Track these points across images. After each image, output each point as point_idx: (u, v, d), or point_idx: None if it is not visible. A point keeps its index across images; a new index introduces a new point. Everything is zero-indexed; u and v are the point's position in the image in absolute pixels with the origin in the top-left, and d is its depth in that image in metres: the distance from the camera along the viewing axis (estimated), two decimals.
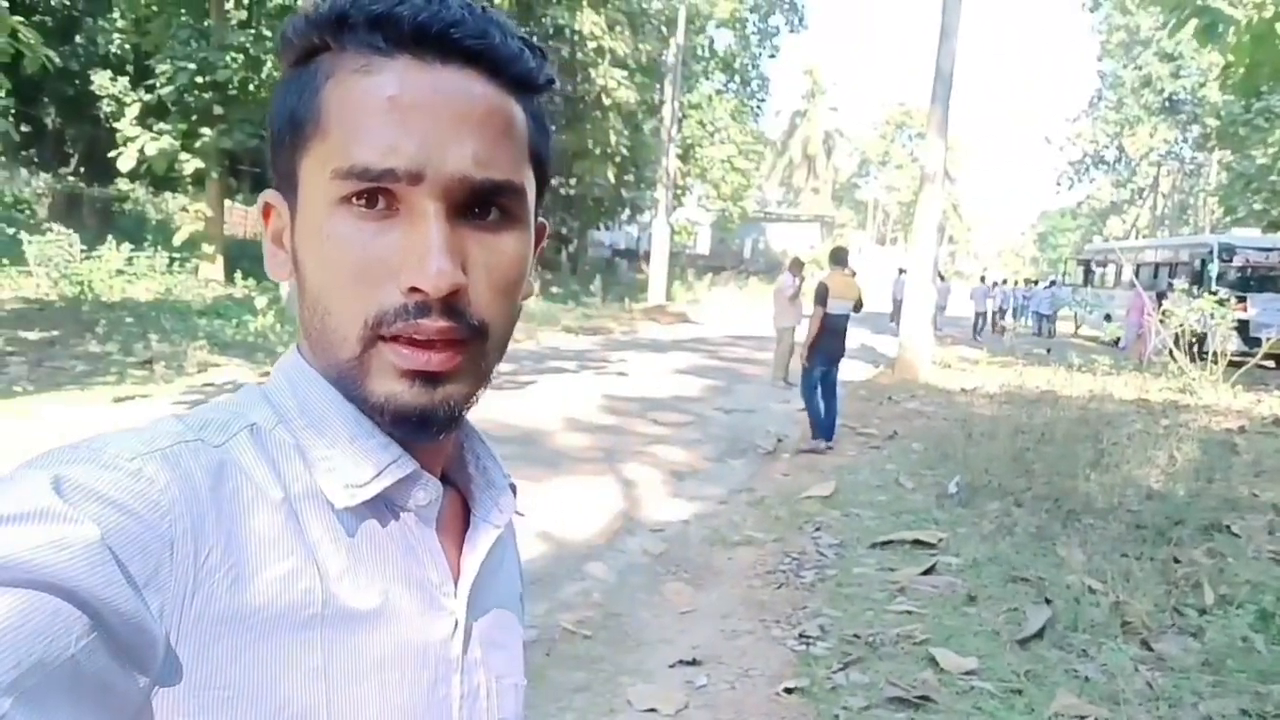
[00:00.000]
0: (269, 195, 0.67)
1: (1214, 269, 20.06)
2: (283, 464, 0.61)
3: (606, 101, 23.86)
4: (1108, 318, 25.12)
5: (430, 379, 0.60)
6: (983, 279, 27.51)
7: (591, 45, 23.10)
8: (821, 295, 8.35)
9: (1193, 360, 13.65)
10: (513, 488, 0.75)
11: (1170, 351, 14.08)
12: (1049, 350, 19.54)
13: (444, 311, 0.59)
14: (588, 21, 22.53)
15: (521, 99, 0.64)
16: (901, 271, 21.89)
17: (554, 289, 24.69)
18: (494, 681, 0.70)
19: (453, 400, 0.62)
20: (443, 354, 0.60)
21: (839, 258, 8.78)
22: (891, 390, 12.35)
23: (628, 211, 32.31)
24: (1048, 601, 4.51)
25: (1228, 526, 5.90)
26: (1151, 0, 15.67)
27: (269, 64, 17.10)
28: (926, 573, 5.00)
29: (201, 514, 0.54)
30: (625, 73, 24.20)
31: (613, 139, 24.39)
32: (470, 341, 0.61)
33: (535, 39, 0.65)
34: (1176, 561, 5.21)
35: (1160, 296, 17.73)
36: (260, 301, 14.15)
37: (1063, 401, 10.36)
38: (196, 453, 0.57)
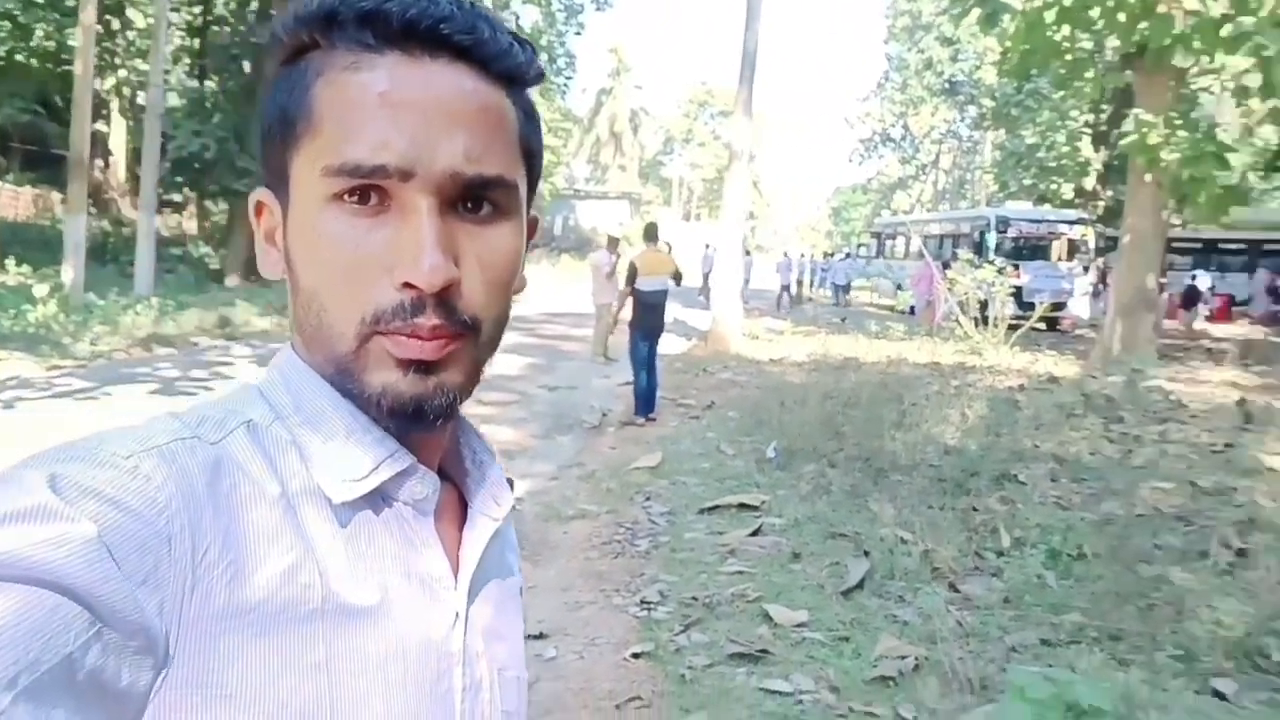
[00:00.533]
0: (260, 193, 0.67)
1: (992, 240, 21.66)
2: (280, 460, 0.61)
3: None
4: (899, 287, 26.68)
5: (425, 367, 0.60)
6: (785, 254, 28.68)
7: None
8: (631, 274, 8.60)
9: (976, 325, 14.73)
10: (510, 482, 0.75)
11: (956, 318, 15.14)
12: (844, 319, 20.59)
13: (437, 308, 0.59)
14: None
15: (511, 93, 0.64)
16: (709, 247, 22.56)
17: None
18: (496, 674, 0.70)
19: (447, 388, 0.61)
20: (438, 342, 0.60)
21: (651, 234, 8.97)
22: (706, 362, 12.75)
23: None
24: (865, 554, 4.83)
25: (1015, 476, 6.46)
26: None
27: (40, 32, 15.71)
28: (753, 534, 5.25)
29: (199, 510, 0.54)
30: None
31: None
32: (462, 336, 0.61)
33: None
34: (974, 510, 5.69)
35: (945, 266, 18.99)
36: (40, 290, 13.05)
37: (865, 367, 11.00)
38: (193, 450, 0.57)
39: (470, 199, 0.61)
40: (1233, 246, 27.42)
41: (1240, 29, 11.65)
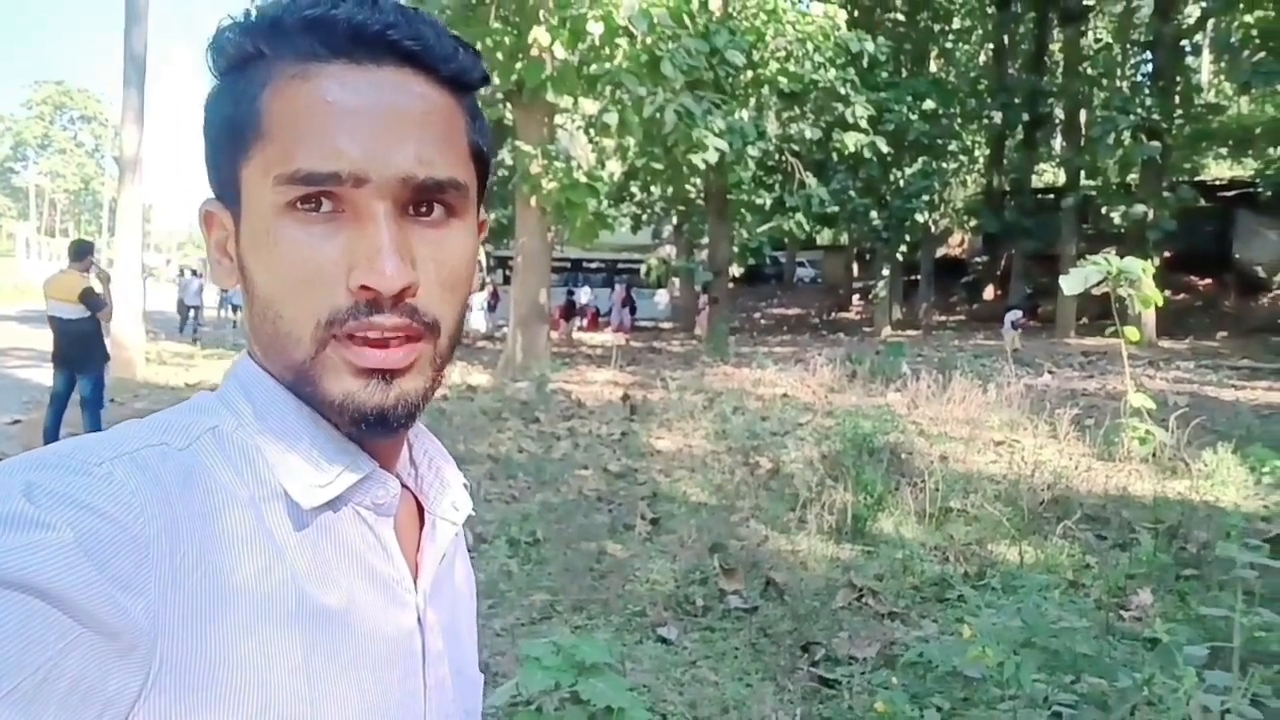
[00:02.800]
0: (210, 204, 0.65)
1: None
2: (245, 466, 0.61)
3: None
4: None
5: (386, 376, 0.60)
6: (195, 273, 26.72)
7: None
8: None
9: None
10: (467, 487, 0.76)
11: None
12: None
13: (395, 308, 0.59)
14: None
15: (458, 96, 0.64)
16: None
17: None
18: (455, 675, 0.72)
19: (409, 397, 0.61)
20: (398, 350, 0.60)
21: (76, 253, 7.59)
22: (111, 391, 11.42)
23: None
24: None
25: None
26: None
27: None
28: None
29: (174, 515, 0.54)
30: None
31: None
32: (423, 338, 0.61)
33: None
34: None
35: None
36: None
37: None
38: (164, 456, 0.57)
39: (422, 202, 0.61)
40: (594, 265, 31.64)
41: (601, 72, 13.56)
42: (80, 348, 7.49)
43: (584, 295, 28.00)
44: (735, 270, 24.47)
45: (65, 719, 0.47)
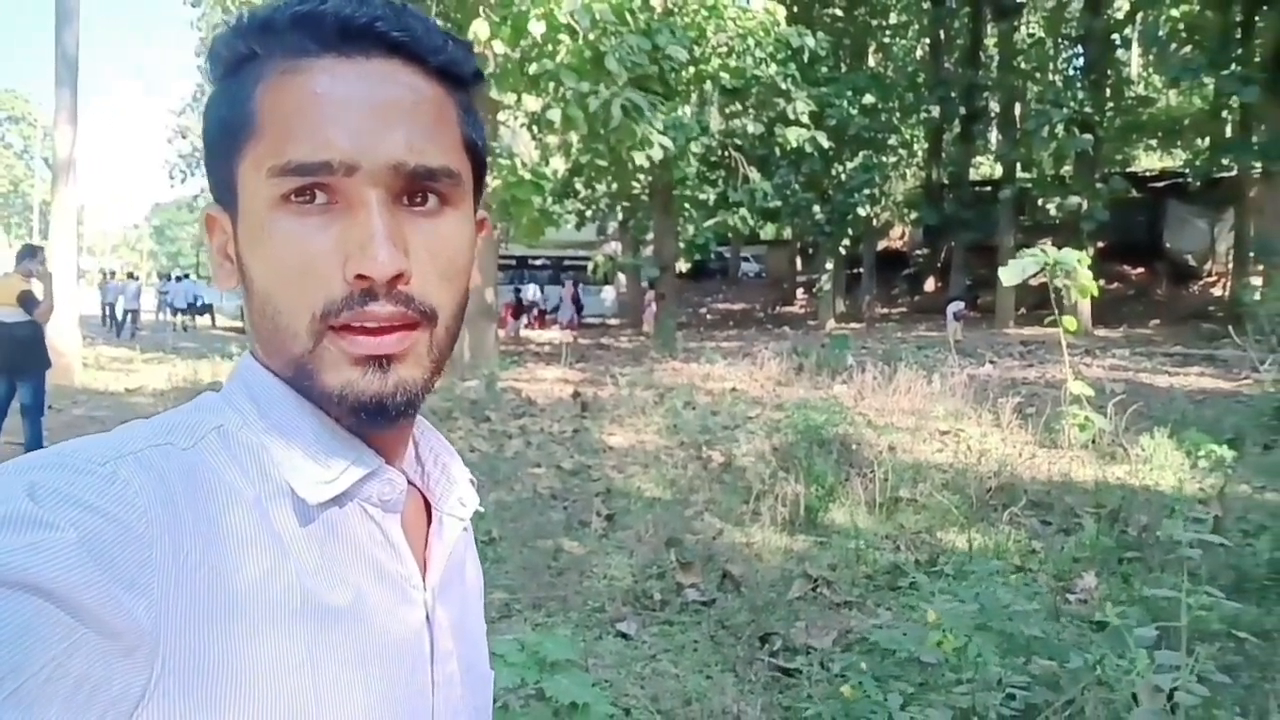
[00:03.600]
0: (210, 209, 0.66)
1: None
2: (251, 464, 0.61)
3: None
4: (243, 310, 25.83)
5: (382, 364, 0.60)
6: (131, 275, 26.19)
7: None
8: None
9: None
10: (473, 483, 0.76)
11: None
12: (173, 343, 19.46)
13: (390, 297, 0.59)
14: None
15: (450, 90, 0.65)
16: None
17: None
18: (465, 672, 0.71)
19: (407, 385, 0.61)
20: (394, 335, 0.60)
21: (21, 256, 7.37)
22: (49, 397, 11.16)
23: None
24: None
25: None
26: (249, 3, 16.55)
27: None
28: None
29: (178, 515, 0.55)
30: None
31: None
32: (420, 326, 0.61)
33: None
34: None
35: None
36: None
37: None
38: (168, 455, 0.57)
39: (416, 192, 0.61)
40: (539, 262, 31.54)
41: (543, 70, 13.52)
42: (21, 353, 7.28)
43: (531, 293, 27.91)
44: (681, 266, 24.58)
45: (67, 715, 0.47)
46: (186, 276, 30.93)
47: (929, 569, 4.85)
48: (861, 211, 25.05)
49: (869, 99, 24.03)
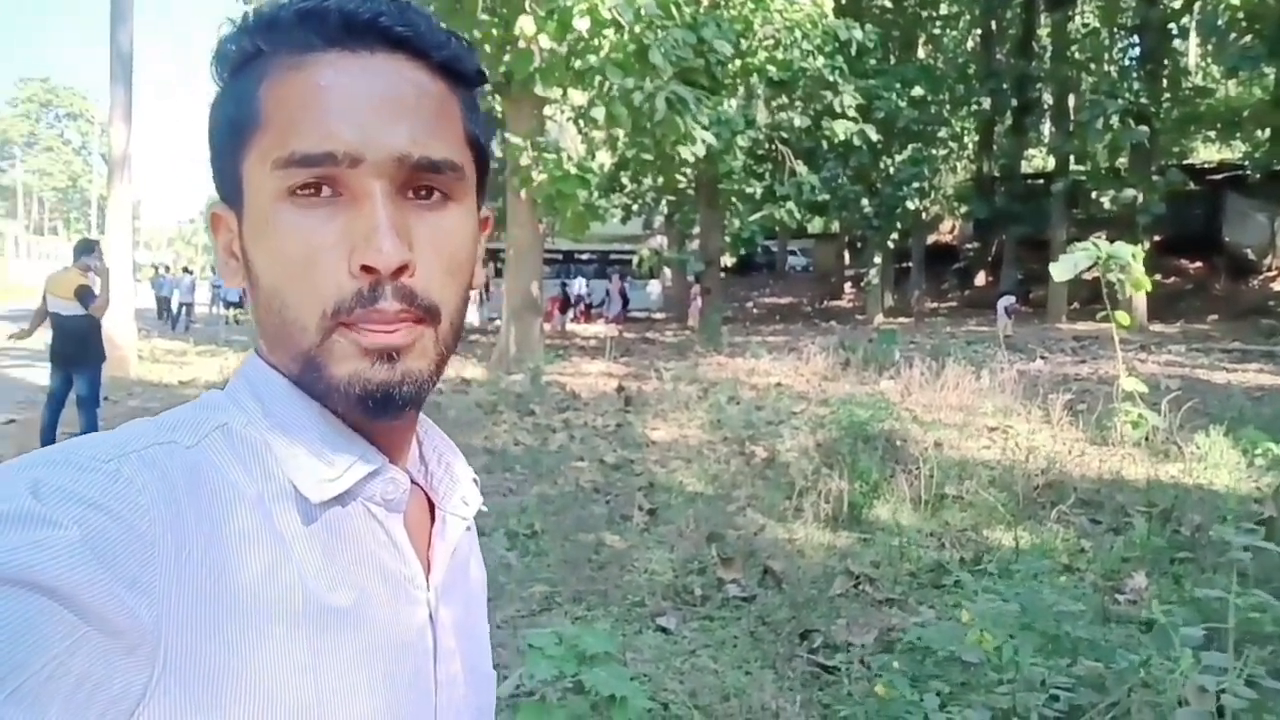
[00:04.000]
0: (216, 207, 0.66)
1: None
2: (254, 463, 0.61)
3: None
4: None
5: (391, 356, 0.60)
6: (185, 269, 26.66)
7: None
8: (43, 294, 7.42)
9: None
10: (476, 482, 0.76)
11: None
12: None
13: (396, 293, 0.59)
14: None
15: (453, 86, 0.65)
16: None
17: None
18: (468, 671, 0.71)
19: (414, 375, 0.61)
20: (402, 328, 0.60)
21: (78, 251, 7.56)
22: (105, 389, 11.42)
23: None
24: None
25: None
26: None
27: None
28: None
29: (180, 513, 0.54)
30: None
31: None
32: (424, 321, 0.61)
33: None
34: None
35: None
36: None
37: None
38: (171, 454, 0.57)
39: (419, 185, 0.62)
40: (586, 257, 31.60)
41: (587, 65, 13.54)
42: (77, 346, 7.41)
43: (577, 287, 27.99)
44: (727, 260, 24.52)
45: (68, 716, 0.47)
46: None
47: (973, 567, 4.79)
48: (910, 205, 24.78)
49: (918, 91, 23.77)
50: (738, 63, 18.31)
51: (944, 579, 4.73)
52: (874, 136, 19.81)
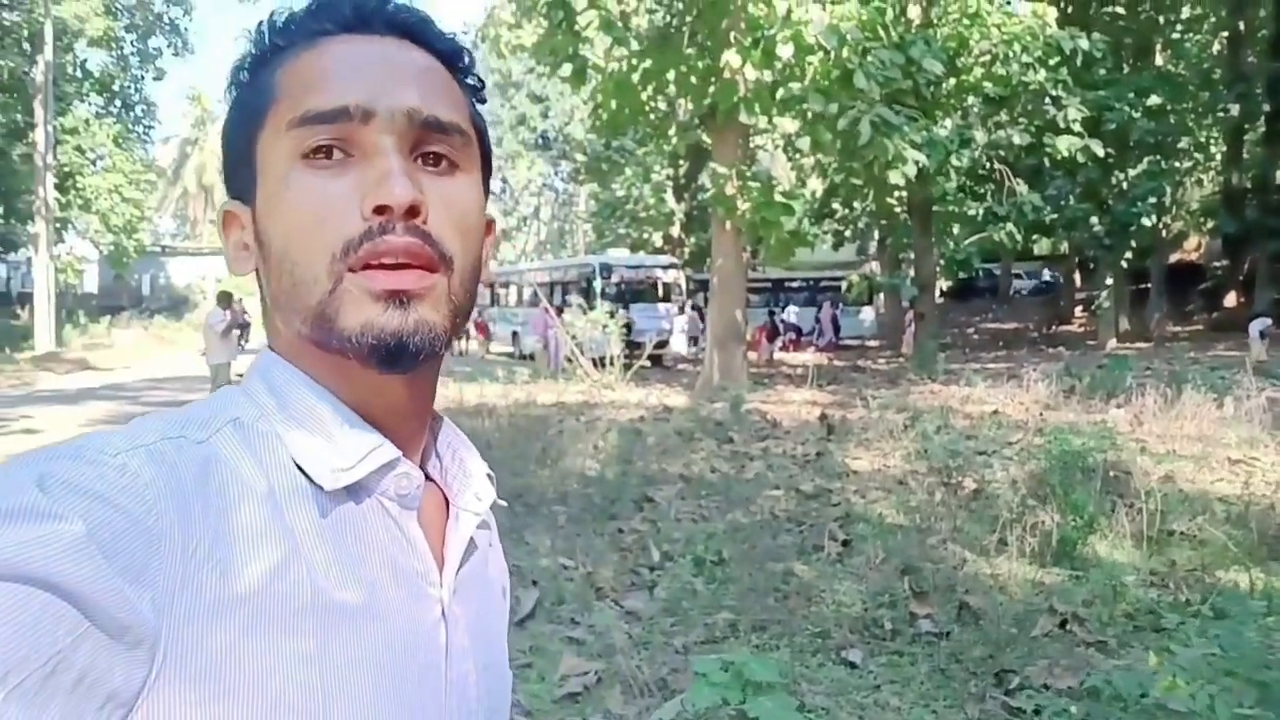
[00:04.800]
0: (229, 205, 0.68)
1: (598, 285, 23.00)
2: (266, 457, 0.61)
3: None
4: (515, 335, 27.41)
5: (402, 301, 0.60)
6: None
7: None
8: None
9: (595, 365, 15.58)
10: (490, 477, 0.75)
11: (577, 358, 15.92)
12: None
13: (408, 229, 0.60)
14: None
15: (457, 77, 0.69)
16: None
17: None
18: (481, 670, 0.70)
19: (428, 324, 0.61)
20: (413, 273, 0.60)
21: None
22: None
23: None
24: (534, 584, 4.98)
25: (651, 498, 6.95)
26: (522, 47, 17.57)
27: None
28: None
29: (188, 507, 0.54)
30: None
31: None
32: (438, 269, 0.61)
33: None
34: (622, 531, 6.06)
35: (559, 311, 19.89)
36: None
37: (498, 410, 11.23)
38: (180, 448, 0.57)
39: (428, 149, 0.63)
40: (796, 284, 31.33)
41: (790, 94, 13.47)
42: None
43: (786, 315, 27.76)
44: (945, 284, 23.64)
45: (70, 711, 0.47)
46: None
47: (1184, 610, 4.35)
48: (1146, 222, 23.05)
49: (1154, 100, 22.13)
50: (951, 81, 17.70)
51: (1164, 622, 4.32)
52: (1102, 151, 18.58)
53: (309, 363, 0.65)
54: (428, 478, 0.70)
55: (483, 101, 0.73)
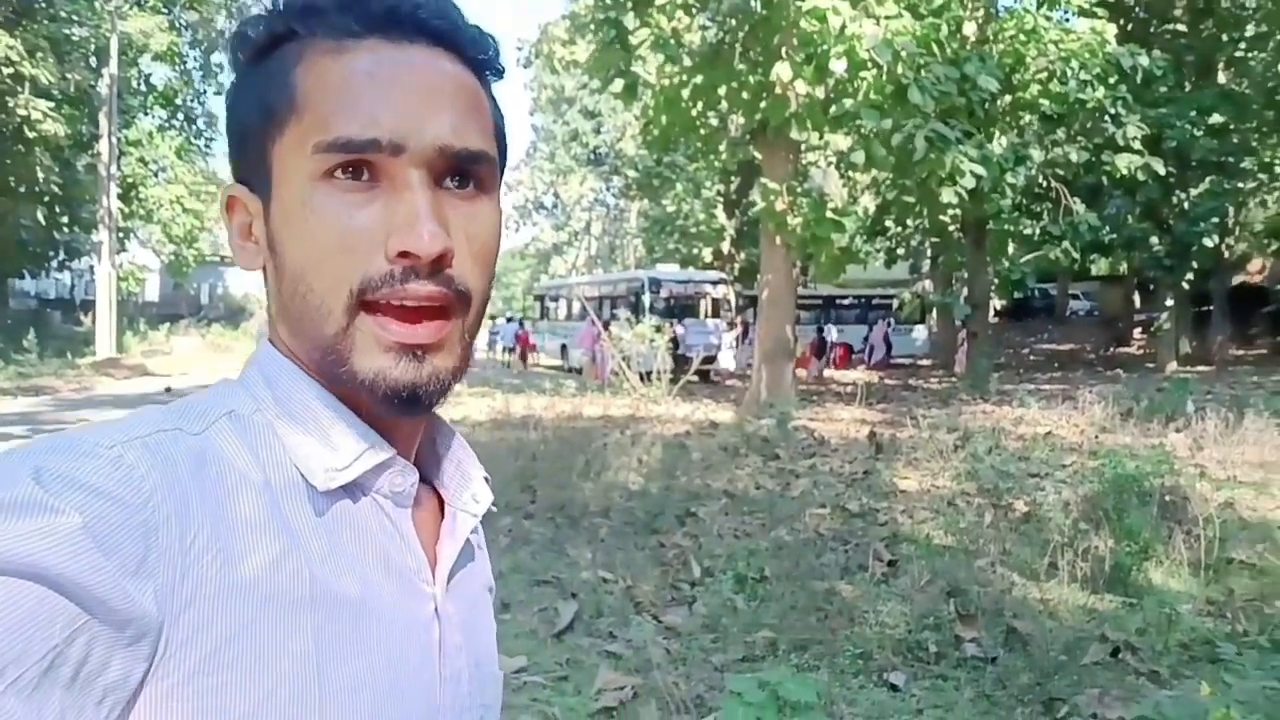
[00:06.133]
0: (233, 189, 0.66)
1: (646, 300, 23.02)
2: (262, 450, 0.61)
3: (30, 134, 20.85)
4: (563, 348, 27.52)
5: (417, 354, 0.60)
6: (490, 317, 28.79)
7: (7, 71, 20.08)
8: None
9: (642, 379, 15.56)
10: (487, 480, 0.75)
11: (622, 372, 15.92)
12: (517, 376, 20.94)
13: (432, 276, 0.59)
14: (1, 45, 19.60)
15: (482, 78, 0.67)
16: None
17: None
18: (473, 668, 0.71)
19: (441, 374, 0.61)
20: (430, 325, 0.60)
21: None
22: None
23: (60, 257, 28.69)
24: (572, 596, 4.96)
25: (695, 513, 6.90)
26: (576, 63, 17.70)
27: None
28: None
29: (184, 499, 0.54)
30: (51, 104, 21.36)
31: (40, 175, 21.42)
32: (455, 310, 0.61)
33: None
34: (664, 546, 6.02)
35: (607, 325, 19.93)
36: None
37: (545, 423, 11.25)
38: (176, 440, 0.57)
39: (456, 174, 0.62)
40: (847, 301, 31.07)
41: (842, 110, 13.38)
42: None
43: (833, 332, 27.50)
44: (998, 303, 23.28)
45: (69, 705, 0.47)
46: (512, 319, 33.46)
47: (1241, 640, 4.19)
48: (1208, 242, 22.46)
49: (1217, 118, 21.63)
50: (1007, 98, 17.45)
51: (1219, 653, 4.17)
52: (1162, 170, 18.18)
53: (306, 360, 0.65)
54: (423, 477, 0.70)
55: (500, 77, 0.70)
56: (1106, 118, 18.10)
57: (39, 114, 20.69)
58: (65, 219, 25.59)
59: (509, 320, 33.08)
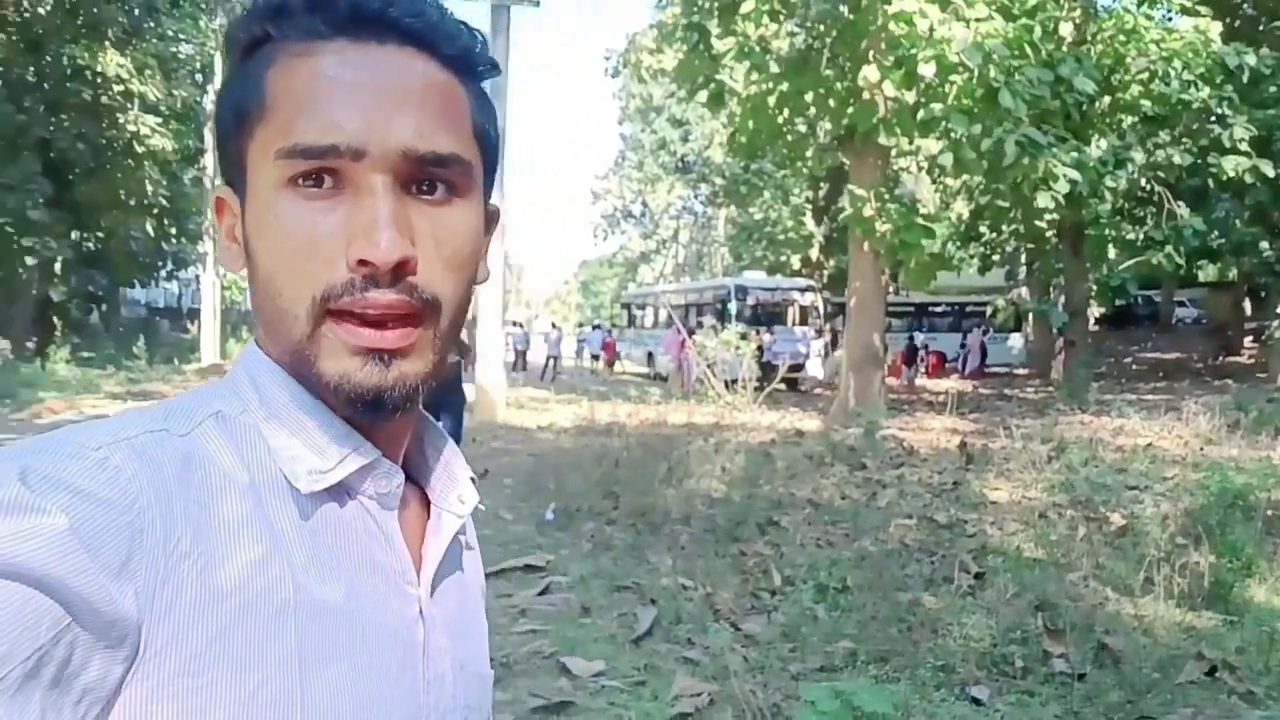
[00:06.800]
0: (221, 191, 0.67)
1: (733, 307, 22.94)
2: (248, 451, 0.60)
3: (139, 149, 21.81)
4: (649, 355, 27.59)
5: (384, 357, 0.59)
6: (554, 325, 29.15)
7: (118, 89, 21.06)
8: None
9: (727, 387, 15.52)
10: (474, 481, 0.75)
11: (707, 380, 15.90)
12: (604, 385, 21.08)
13: (393, 284, 0.58)
14: (112, 63, 20.55)
15: (463, 79, 0.65)
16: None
17: (86, 353, 22.03)
18: (459, 669, 0.70)
19: (408, 379, 0.61)
20: (396, 331, 0.59)
21: None
22: (474, 432, 12.63)
23: (168, 267, 29.92)
24: (652, 602, 4.98)
25: (778, 521, 6.86)
26: (663, 72, 17.76)
27: None
28: (541, 594, 5.28)
29: (169, 501, 0.54)
30: (159, 119, 22.32)
31: (149, 189, 22.39)
32: (422, 317, 0.60)
33: (49, 82, 0.63)
34: (745, 554, 5.99)
35: (692, 333, 19.93)
36: None
37: (630, 430, 11.30)
38: (162, 441, 0.57)
39: (425, 180, 0.61)
40: (940, 309, 30.45)
41: (931, 114, 13.16)
42: (446, 389, 8.22)
43: (924, 340, 27.00)
44: (1098, 311, 22.54)
45: (49, 705, 0.48)
46: (599, 327, 33.69)
47: None
48: None
49: None
50: (1106, 100, 16.94)
51: None
52: (1271, 172, 17.41)
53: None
54: (409, 478, 0.70)
55: (490, 75, 0.68)
56: (1212, 119, 17.40)
57: (147, 129, 21.51)
58: (173, 230, 26.56)
59: (596, 328, 33.35)
